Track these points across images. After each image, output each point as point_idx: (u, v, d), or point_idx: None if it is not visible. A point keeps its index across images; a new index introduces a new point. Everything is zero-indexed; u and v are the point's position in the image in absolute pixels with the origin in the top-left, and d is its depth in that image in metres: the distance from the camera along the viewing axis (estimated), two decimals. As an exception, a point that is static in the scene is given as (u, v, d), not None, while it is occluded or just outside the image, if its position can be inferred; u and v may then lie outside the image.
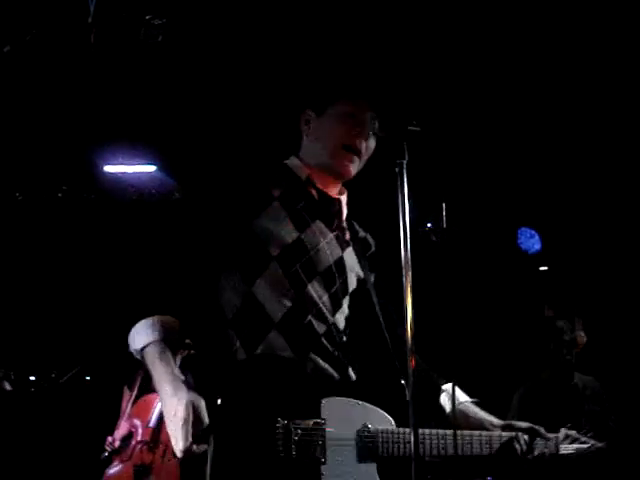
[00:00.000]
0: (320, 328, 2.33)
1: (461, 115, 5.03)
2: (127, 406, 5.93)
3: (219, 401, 2.16)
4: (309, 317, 2.31)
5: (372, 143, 2.45)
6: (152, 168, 7.03)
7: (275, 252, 2.31)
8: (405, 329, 2.02)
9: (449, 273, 2.68)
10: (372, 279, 2.53)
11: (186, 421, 2.08)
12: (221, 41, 4.65)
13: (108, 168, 7.15)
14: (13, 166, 6.81)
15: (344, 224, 2.52)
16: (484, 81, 5.08)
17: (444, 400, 2.47)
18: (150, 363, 2.22)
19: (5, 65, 4.65)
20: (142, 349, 2.23)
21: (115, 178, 7.24)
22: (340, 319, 2.41)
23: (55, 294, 7.38)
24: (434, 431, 2.26)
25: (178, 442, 2.09)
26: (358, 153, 2.42)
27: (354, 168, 2.45)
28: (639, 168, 6.40)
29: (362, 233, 2.63)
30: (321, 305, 2.34)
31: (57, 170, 6.94)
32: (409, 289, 2.05)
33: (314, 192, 2.48)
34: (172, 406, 2.13)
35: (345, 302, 2.43)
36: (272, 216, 2.35)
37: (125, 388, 6.03)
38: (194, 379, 6.07)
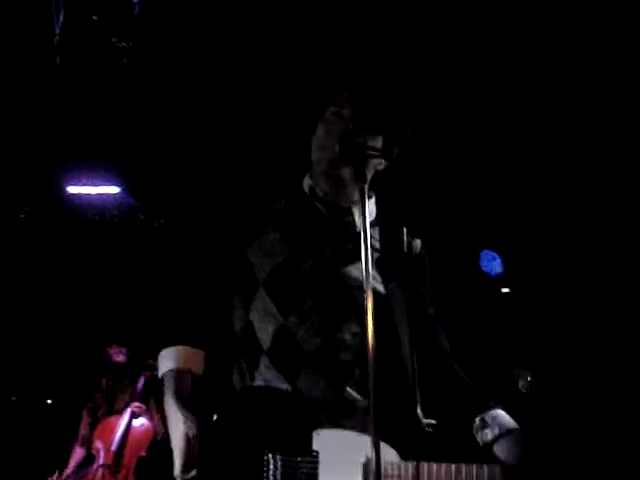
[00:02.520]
0: (309, 347, 2.22)
1: (426, 137, 5.08)
2: (85, 431, 5.89)
3: (209, 430, 2.17)
4: (297, 338, 2.22)
5: (375, 141, 2.29)
6: (116, 189, 7.01)
7: (262, 276, 2.27)
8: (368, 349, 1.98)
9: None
10: (401, 293, 2.37)
11: (186, 450, 2.11)
12: (186, 61, 4.69)
13: (71, 189, 7.12)
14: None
15: (366, 233, 2.18)
16: (444, 101, 5.15)
17: (478, 430, 2.29)
18: (166, 389, 2.22)
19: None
20: (162, 376, 2.26)
21: (78, 199, 7.21)
22: (343, 336, 2.25)
23: (16, 316, 7.31)
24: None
25: (176, 467, 2.12)
26: None
27: (350, 189, 2.31)
28: (599, 189, 6.50)
29: (404, 238, 2.45)
30: (308, 325, 2.23)
31: (20, 190, 6.89)
32: (370, 309, 2.02)
33: (320, 205, 2.37)
34: (180, 432, 2.14)
35: (350, 321, 2.26)
36: (265, 239, 2.31)
37: (84, 412, 5.99)
38: (155, 400, 6.01)
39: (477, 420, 2.25)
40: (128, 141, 5.76)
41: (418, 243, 2.50)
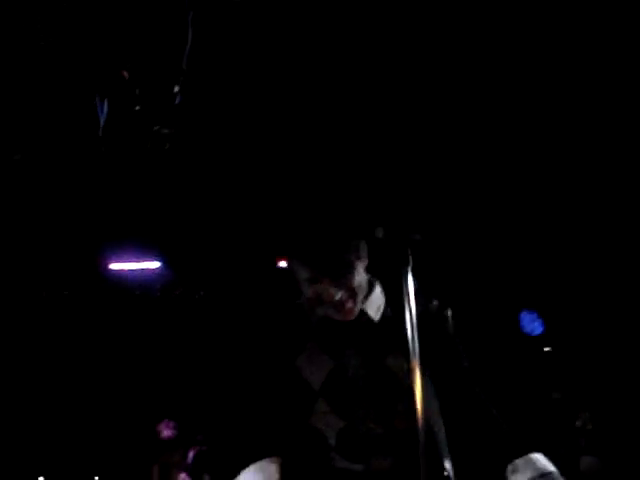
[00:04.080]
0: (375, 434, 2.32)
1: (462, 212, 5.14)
2: None
3: None
4: (361, 432, 2.30)
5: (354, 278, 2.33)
6: (157, 264, 7.13)
7: (317, 387, 2.32)
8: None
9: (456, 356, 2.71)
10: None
11: None
12: (222, 144, 4.81)
13: (113, 266, 7.25)
14: (22, 265, 6.90)
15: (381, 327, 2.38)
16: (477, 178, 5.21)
17: (508, 473, 2.28)
18: None
19: (19, 171, 4.81)
20: None
21: (120, 275, 7.33)
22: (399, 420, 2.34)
23: (63, 394, 7.38)
24: None
25: None
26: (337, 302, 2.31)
27: (348, 307, 2.35)
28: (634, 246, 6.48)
29: (423, 308, 2.40)
30: (370, 419, 2.32)
31: (63, 269, 7.03)
32: (418, 381, 2.07)
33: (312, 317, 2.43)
34: None
35: (400, 405, 2.33)
36: (309, 351, 2.36)
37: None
38: (210, 476, 6.00)
39: (509, 465, 2.25)
40: (168, 219, 5.89)
41: (435, 304, 2.50)
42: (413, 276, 2.24)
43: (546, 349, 8.93)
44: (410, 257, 2.24)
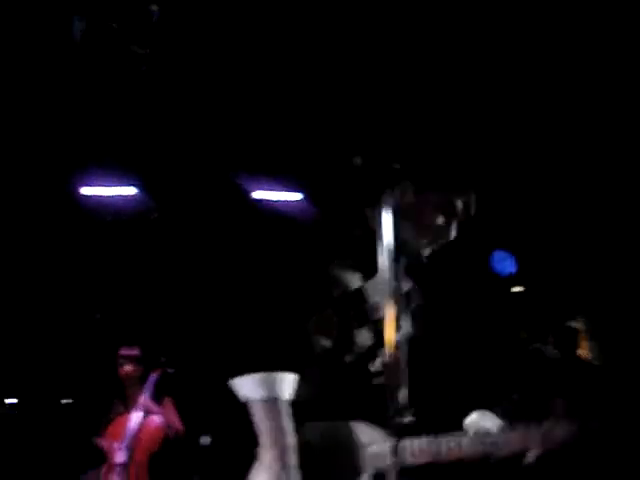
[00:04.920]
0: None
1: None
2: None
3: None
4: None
5: None
6: (132, 190, 7.07)
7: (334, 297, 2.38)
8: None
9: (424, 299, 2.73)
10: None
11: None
12: (201, 66, 4.73)
13: (85, 190, 7.18)
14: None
15: None
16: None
17: (469, 424, 2.42)
18: (259, 420, 2.18)
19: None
20: (252, 402, 2.20)
21: (92, 200, 7.27)
22: None
23: (31, 318, 7.37)
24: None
25: None
26: None
27: None
28: (612, 184, 6.51)
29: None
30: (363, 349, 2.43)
31: (36, 192, 6.95)
32: (392, 318, 2.09)
33: None
34: (267, 460, 2.14)
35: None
36: (342, 263, 2.43)
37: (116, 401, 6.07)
38: (172, 398, 6.05)
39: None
40: (143, 143, 5.81)
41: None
42: (390, 206, 2.23)
43: (516, 289, 9.02)
44: (389, 187, 2.24)
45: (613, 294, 7.57)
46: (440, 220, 2.43)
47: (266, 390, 2.13)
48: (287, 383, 2.17)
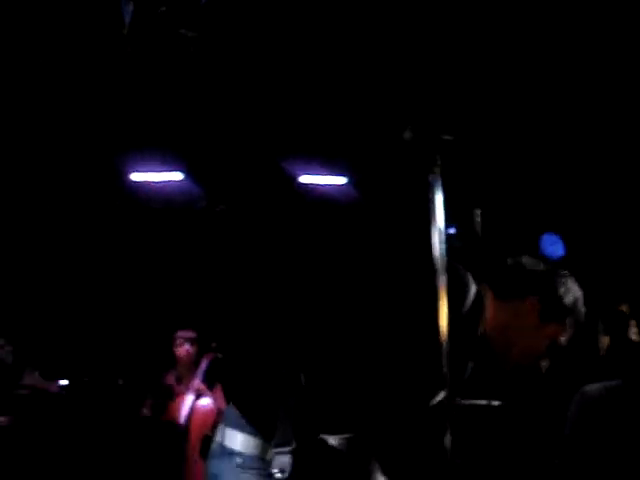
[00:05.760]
0: None
1: (487, 124, 5.09)
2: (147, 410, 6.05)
3: None
4: None
5: None
6: (179, 176, 7.11)
7: None
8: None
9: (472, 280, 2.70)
10: None
11: None
12: (250, 50, 4.74)
13: (135, 176, 7.25)
14: (42, 174, 6.92)
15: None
16: (512, 89, 5.13)
17: None
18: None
19: (40, 75, 4.77)
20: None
21: (142, 186, 7.34)
22: None
23: (86, 303, 7.48)
24: None
25: None
26: None
27: None
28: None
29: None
30: None
31: (85, 178, 7.04)
32: (444, 293, 2.07)
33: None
34: None
35: None
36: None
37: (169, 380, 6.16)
38: (222, 384, 6.09)
39: None
40: (192, 128, 5.85)
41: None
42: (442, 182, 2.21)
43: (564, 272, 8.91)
44: (439, 160, 2.22)
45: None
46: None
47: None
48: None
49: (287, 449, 2.05)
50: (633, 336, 5.66)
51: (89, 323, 7.01)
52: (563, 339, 2.34)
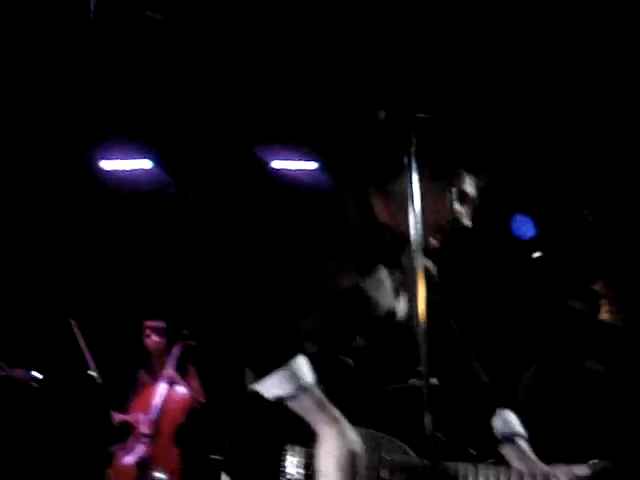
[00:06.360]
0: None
1: (460, 102, 5.08)
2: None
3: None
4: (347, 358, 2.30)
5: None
6: (148, 164, 7.05)
7: (330, 295, 2.28)
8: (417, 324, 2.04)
9: (445, 264, 2.71)
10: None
11: (342, 468, 2.02)
12: (219, 34, 4.69)
13: (104, 164, 7.18)
14: (9, 164, 6.83)
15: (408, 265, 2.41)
16: (484, 71, 5.13)
17: (498, 424, 2.44)
18: (304, 412, 2.09)
19: (3, 62, 4.69)
20: (287, 399, 2.10)
21: (111, 174, 7.27)
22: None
23: (55, 292, 7.41)
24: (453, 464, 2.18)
25: None
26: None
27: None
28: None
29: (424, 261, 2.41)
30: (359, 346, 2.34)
31: (54, 168, 6.95)
32: (420, 272, 2.07)
33: (388, 236, 2.41)
34: (333, 448, 2.04)
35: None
36: (341, 257, 2.30)
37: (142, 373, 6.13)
38: (195, 369, 6.05)
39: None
40: (162, 115, 5.79)
41: (431, 263, 2.61)
42: (417, 160, 2.19)
43: (536, 254, 8.98)
44: (414, 139, 2.20)
45: (634, 256, 7.53)
46: (457, 207, 2.38)
47: (293, 383, 2.07)
48: (305, 366, 2.11)
49: None
50: (604, 315, 5.70)
51: (58, 313, 6.93)
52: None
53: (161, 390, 5.94)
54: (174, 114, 5.91)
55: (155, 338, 6.12)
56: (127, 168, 7.15)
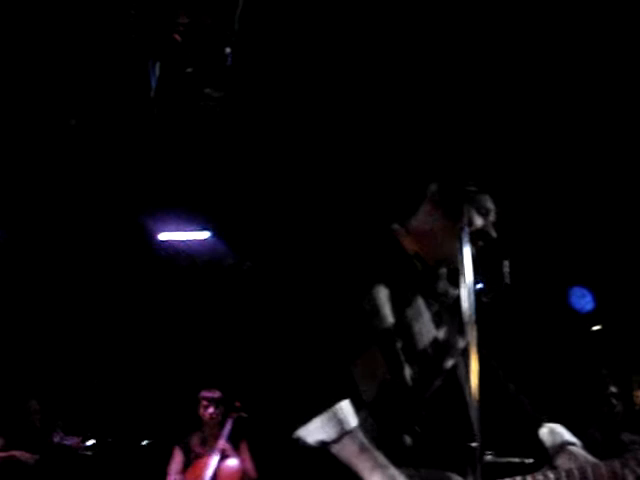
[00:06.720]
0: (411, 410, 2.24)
1: (514, 175, 5.09)
2: (177, 466, 5.98)
3: None
4: (400, 399, 2.22)
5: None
6: (206, 234, 7.16)
7: (376, 332, 2.23)
8: (470, 387, 2.02)
9: (503, 333, 2.68)
10: (461, 343, 2.41)
11: None
12: (273, 109, 4.80)
13: (162, 236, 7.31)
14: (71, 234, 7.00)
15: (446, 294, 2.43)
16: (536, 141, 5.14)
17: (545, 435, 2.38)
18: (348, 458, 2.03)
19: (70, 136, 4.85)
20: (330, 444, 2.04)
21: (169, 245, 7.39)
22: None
23: (113, 360, 7.49)
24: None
25: None
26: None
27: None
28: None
29: (455, 291, 2.46)
30: (412, 385, 2.26)
31: (114, 238, 7.10)
32: (474, 347, 2.06)
33: (419, 266, 2.39)
34: None
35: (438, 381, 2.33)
36: (380, 292, 2.26)
37: (176, 448, 6.08)
38: (247, 442, 5.98)
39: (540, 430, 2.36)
40: (217, 187, 5.90)
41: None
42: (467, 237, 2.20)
43: (595, 328, 8.82)
44: (467, 212, 2.21)
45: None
46: (479, 222, 2.37)
47: (336, 427, 2.02)
48: (349, 409, 2.05)
49: None
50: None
51: (115, 382, 7.00)
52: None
53: (213, 462, 5.90)
54: (230, 187, 6.03)
55: (211, 410, 6.10)
56: (184, 239, 7.28)
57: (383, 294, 2.25)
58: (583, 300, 7.57)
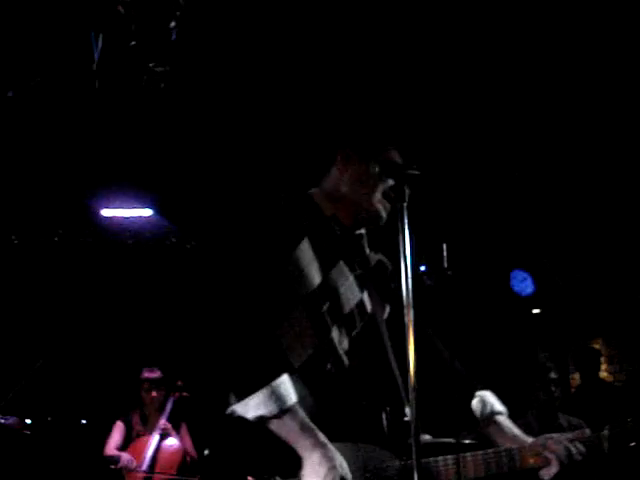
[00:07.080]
0: (337, 373, 2.23)
1: (457, 158, 5.13)
2: (117, 441, 5.93)
3: (206, 452, 2.12)
4: (329, 364, 2.22)
5: None
6: (149, 212, 7.09)
7: (302, 295, 2.22)
8: (408, 370, 2.02)
9: (443, 315, 2.71)
10: (386, 310, 2.43)
11: None
12: (220, 85, 4.75)
13: (105, 212, 7.22)
14: (10, 209, 6.87)
15: (366, 258, 2.44)
16: (480, 126, 5.17)
17: (476, 406, 2.42)
18: (287, 435, 2.03)
19: (7, 109, 4.74)
20: (270, 420, 2.03)
21: (112, 222, 7.30)
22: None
23: (50, 337, 7.39)
24: (440, 459, 2.20)
25: None
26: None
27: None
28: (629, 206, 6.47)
29: (375, 256, 2.51)
30: (341, 351, 2.25)
31: (54, 214, 6.99)
32: (411, 329, 2.06)
33: (337, 230, 2.40)
34: (319, 474, 1.98)
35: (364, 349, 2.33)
36: (303, 254, 2.25)
37: (118, 423, 6.03)
38: (186, 422, 5.98)
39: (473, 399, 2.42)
40: (162, 164, 5.84)
41: (384, 258, 2.58)
42: (408, 214, 2.21)
43: (535, 311, 8.96)
44: (406, 193, 2.22)
45: (634, 315, 7.51)
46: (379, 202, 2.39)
47: (276, 403, 2.02)
48: (288, 384, 2.06)
49: None
50: (604, 373, 5.69)
51: (52, 360, 6.90)
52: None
53: (154, 441, 5.87)
54: (175, 163, 5.96)
55: (154, 394, 6.05)
56: (128, 216, 7.20)
57: (308, 255, 2.26)
58: (524, 283, 7.68)
